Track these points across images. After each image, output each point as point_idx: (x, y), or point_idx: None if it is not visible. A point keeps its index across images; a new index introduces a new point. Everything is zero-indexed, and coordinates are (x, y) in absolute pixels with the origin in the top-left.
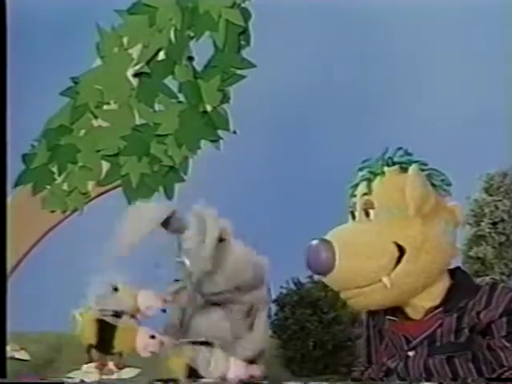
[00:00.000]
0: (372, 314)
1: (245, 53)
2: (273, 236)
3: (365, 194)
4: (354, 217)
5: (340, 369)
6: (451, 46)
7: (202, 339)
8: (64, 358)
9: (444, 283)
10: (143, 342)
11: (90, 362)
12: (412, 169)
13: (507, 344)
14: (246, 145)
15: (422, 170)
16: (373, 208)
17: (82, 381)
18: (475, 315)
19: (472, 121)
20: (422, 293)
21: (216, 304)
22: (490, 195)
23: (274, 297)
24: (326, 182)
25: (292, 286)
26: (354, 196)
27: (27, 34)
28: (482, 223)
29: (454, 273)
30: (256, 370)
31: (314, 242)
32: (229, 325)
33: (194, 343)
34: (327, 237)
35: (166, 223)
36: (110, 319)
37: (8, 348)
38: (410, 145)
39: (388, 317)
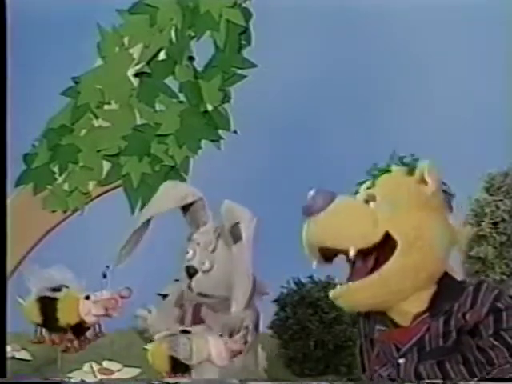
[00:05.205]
0: (363, 323)
1: (246, 52)
2: (273, 236)
3: (368, 188)
4: None
5: (341, 369)
6: (452, 45)
7: (180, 328)
8: (65, 358)
9: (432, 290)
10: (86, 307)
11: (41, 342)
12: (424, 164)
13: (495, 342)
14: (247, 145)
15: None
16: (374, 200)
17: (83, 381)
18: (461, 317)
19: (473, 120)
20: (411, 297)
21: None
22: (491, 195)
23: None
24: (328, 182)
25: (293, 286)
26: (358, 193)
27: (27, 33)
28: (483, 223)
29: (440, 278)
30: (235, 345)
31: (318, 189)
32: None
33: (172, 334)
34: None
35: (186, 207)
36: (49, 294)
37: (9, 348)
38: (410, 144)
39: (378, 327)
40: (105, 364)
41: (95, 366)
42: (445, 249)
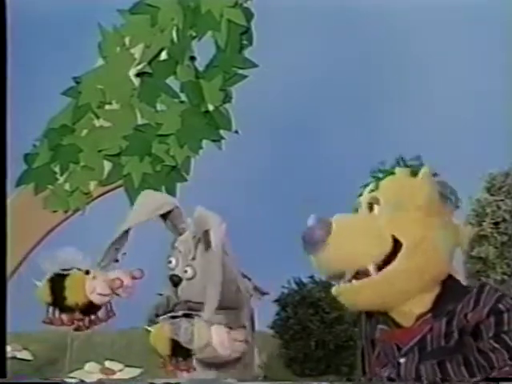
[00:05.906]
0: (365, 323)
1: (247, 52)
2: (274, 235)
3: (372, 190)
4: None
5: (342, 369)
6: (452, 45)
7: (182, 311)
8: (66, 358)
9: (435, 291)
10: (91, 285)
11: (51, 323)
12: (424, 169)
13: (496, 345)
14: (248, 144)
15: (433, 176)
16: (378, 204)
17: (82, 381)
18: (463, 317)
19: (473, 120)
20: (414, 299)
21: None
22: (492, 195)
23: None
24: (328, 182)
25: (294, 286)
26: (361, 195)
27: (29, 33)
28: (484, 223)
29: (444, 280)
30: (239, 334)
31: (312, 220)
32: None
33: (175, 316)
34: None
35: (165, 216)
36: (60, 272)
37: (9, 348)
38: (411, 144)
39: (380, 326)
40: (107, 364)
41: (97, 366)
42: (449, 251)
